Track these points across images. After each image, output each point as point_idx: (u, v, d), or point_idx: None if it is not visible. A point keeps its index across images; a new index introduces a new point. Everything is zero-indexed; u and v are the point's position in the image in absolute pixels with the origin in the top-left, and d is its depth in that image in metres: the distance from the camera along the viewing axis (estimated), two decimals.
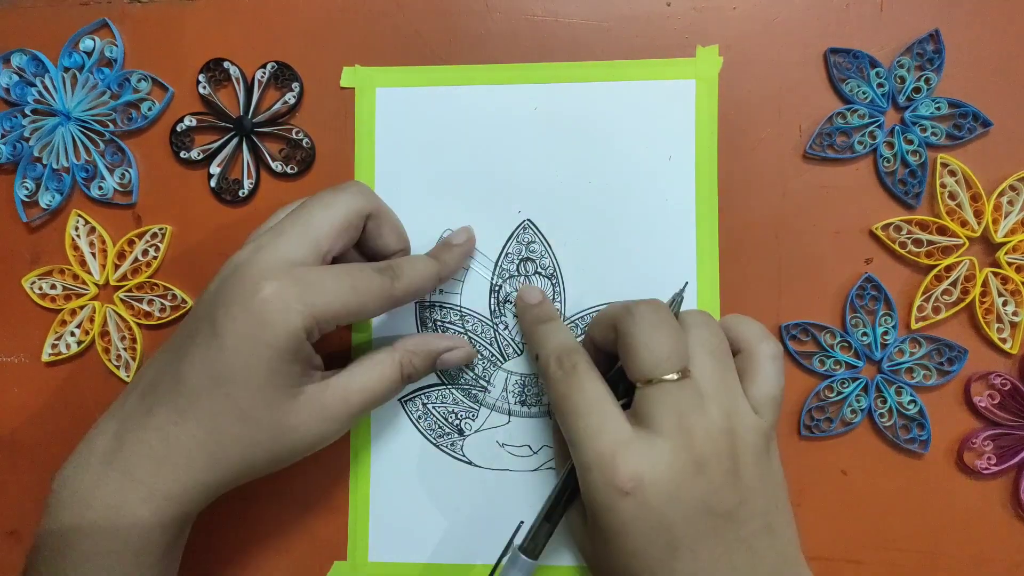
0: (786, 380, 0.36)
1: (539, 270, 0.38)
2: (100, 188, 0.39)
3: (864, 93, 0.37)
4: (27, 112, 0.39)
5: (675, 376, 0.28)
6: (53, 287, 0.40)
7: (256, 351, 0.28)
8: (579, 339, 0.36)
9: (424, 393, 0.38)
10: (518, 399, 0.37)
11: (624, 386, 0.31)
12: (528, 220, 0.38)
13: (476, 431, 0.38)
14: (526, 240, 0.38)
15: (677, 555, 0.27)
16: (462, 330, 0.38)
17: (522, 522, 0.34)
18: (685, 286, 0.34)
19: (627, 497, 0.27)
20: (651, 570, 0.28)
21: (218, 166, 0.39)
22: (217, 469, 0.29)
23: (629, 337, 0.29)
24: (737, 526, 0.28)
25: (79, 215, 0.39)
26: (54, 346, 0.39)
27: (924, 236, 0.36)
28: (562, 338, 0.33)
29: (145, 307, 0.39)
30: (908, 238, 0.36)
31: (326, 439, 0.31)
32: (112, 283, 0.39)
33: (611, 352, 0.32)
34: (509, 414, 0.38)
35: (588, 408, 0.29)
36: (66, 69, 0.39)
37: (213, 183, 0.39)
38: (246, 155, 0.39)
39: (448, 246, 0.36)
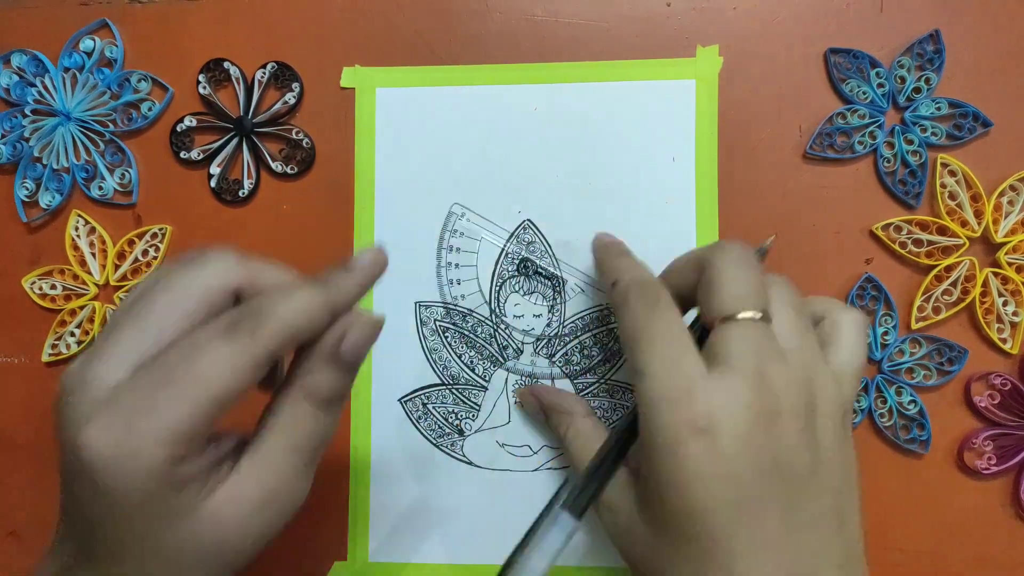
0: None
1: (539, 270, 0.38)
2: (100, 188, 0.39)
3: (864, 93, 0.37)
4: (27, 112, 0.39)
5: (756, 315, 0.27)
6: (53, 287, 0.40)
7: (100, 514, 0.23)
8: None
9: (424, 393, 0.38)
10: (518, 399, 0.37)
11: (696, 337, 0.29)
12: (528, 220, 0.38)
13: (476, 431, 0.38)
14: (526, 240, 0.38)
15: (742, 518, 0.25)
16: (463, 330, 0.38)
17: (566, 480, 0.32)
18: (772, 239, 0.33)
19: (698, 436, 0.25)
20: (710, 535, 0.25)
21: (218, 166, 0.39)
22: None
23: (713, 270, 0.28)
24: (807, 500, 0.25)
25: (79, 215, 0.39)
26: (54, 346, 0.39)
27: (924, 236, 0.36)
28: (645, 273, 0.31)
29: None
30: (908, 238, 0.36)
31: (274, 523, 0.26)
32: (112, 283, 0.39)
33: (685, 300, 0.30)
34: (509, 414, 0.38)
35: (667, 339, 0.27)
36: (66, 69, 0.39)
37: (213, 183, 0.39)
38: (246, 155, 0.39)
39: (345, 269, 0.27)
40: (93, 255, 0.39)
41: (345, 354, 0.26)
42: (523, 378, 0.37)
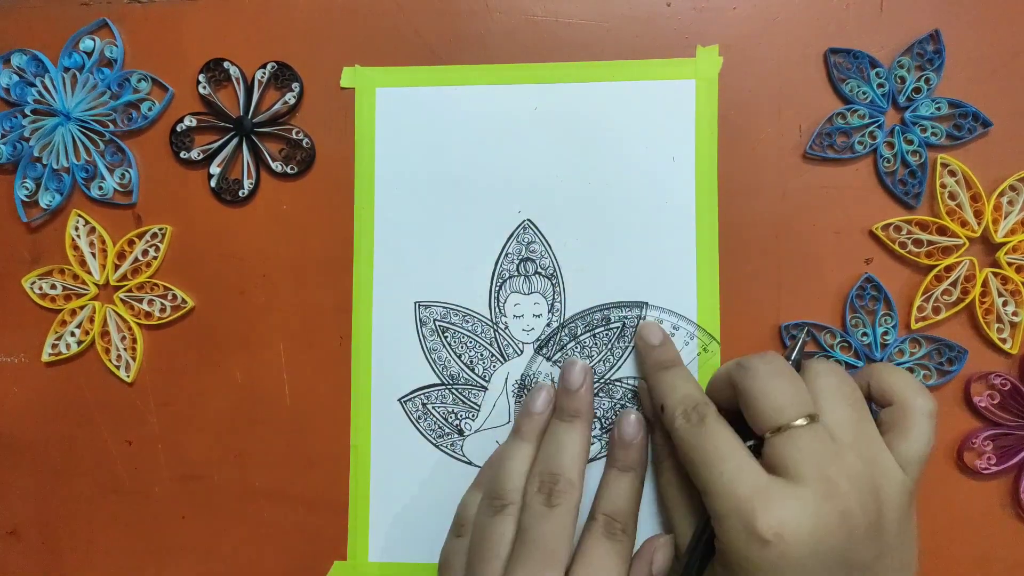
0: None
1: (539, 270, 0.38)
2: (100, 188, 0.39)
3: (864, 93, 0.37)
4: (27, 112, 0.39)
5: (803, 421, 0.27)
6: (53, 287, 0.40)
7: None
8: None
9: (424, 393, 0.38)
10: (518, 399, 0.37)
11: (751, 445, 0.30)
12: (528, 220, 0.38)
13: (476, 431, 0.38)
14: (526, 240, 0.38)
15: None
16: (463, 330, 0.38)
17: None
18: (805, 332, 0.33)
19: (768, 547, 0.26)
20: None
21: (218, 166, 0.39)
22: None
23: (747, 390, 0.29)
24: None
25: (79, 215, 0.39)
26: (54, 346, 0.39)
27: (924, 236, 0.36)
28: (689, 388, 0.32)
29: (145, 307, 0.39)
30: (908, 238, 0.36)
31: None
32: (112, 283, 0.39)
33: (735, 411, 0.31)
34: (509, 414, 0.38)
35: (721, 456, 0.28)
36: (66, 69, 0.39)
37: (213, 183, 0.39)
38: (246, 155, 0.39)
39: (624, 445, 0.34)
40: (93, 255, 0.39)
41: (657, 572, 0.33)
42: (523, 378, 0.37)
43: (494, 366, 0.38)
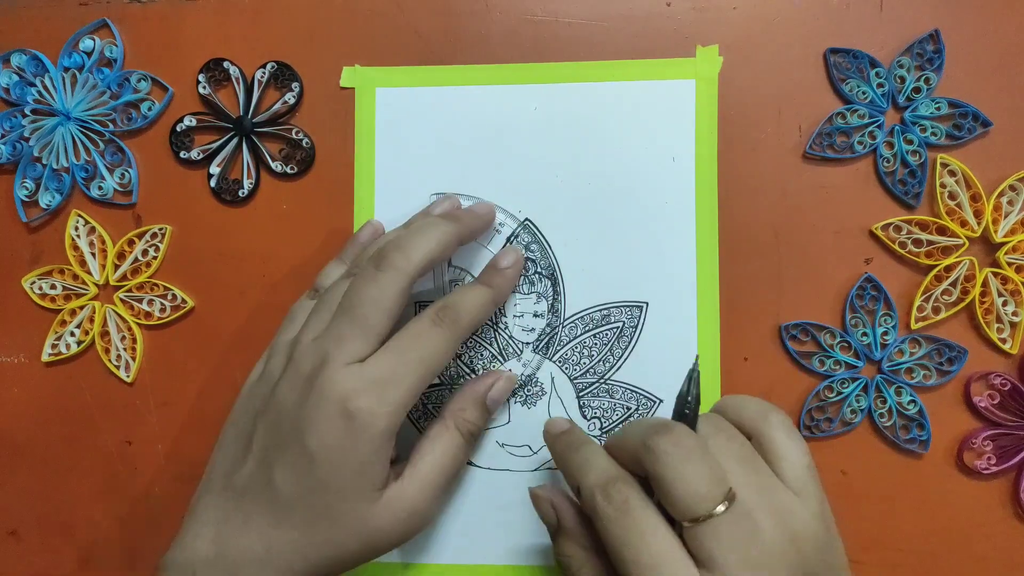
0: (786, 380, 0.37)
1: (539, 270, 0.38)
2: (100, 188, 0.39)
3: (864, 93, 0.37)
4: (27, 112, 0.39)
5: (722, 508, 0.26)
6: (53, 287, 0.40)
7: (347, 463, 0.29)
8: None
9: (424, 393, 0.38)
10: (518, 399, 0.37)
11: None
12: (528, 220, 0.38)
13: None
14: (526, 240, 0.38)
15: None
16: None
17: None
18: (696, 361, 0.30)
19: None
20: None
21: (218, 166, 0.39)
22: (311, 568, 0.30)
23: (659, 478, 0.26)
24: None
25: (79, 215, 0.39)
26: (54, 346, 0.39)
27: (924, 236, 0.36)
28: (603, 465, 0.29)
29: (145, 307, 0.39)
30: (908, 238, 0.36)
31: (413, 533, 0.32)
32: (112, 283, 0.39)
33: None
34: (509, 414, 0.38)
35: (645, 546, 0.26)
36: (66, 69, 0.39)
37: (213, 183, 0.39)
38: (246, 155, 0.39)
39: (497, 270, 0.35)
40: (93, 255, 0.39)
41: (491, 401, 0.35)
42: (523, 378, 0.37)
43: (494, 366, 0.38)
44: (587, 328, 0.37)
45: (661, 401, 0.37)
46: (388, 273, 0.31)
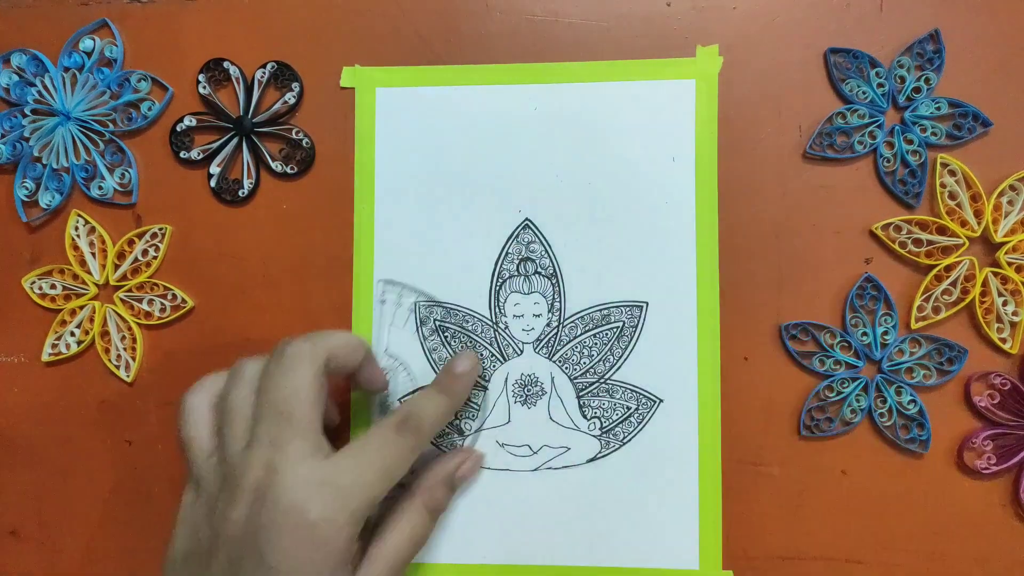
0: (786, 380, 0.37)
1: (539, 270, 0.38)
2: (100, 188, 0.39)
3: (864, 93, 0.37)
4: (27, 112, 0.39)
5: None
6: (53, 287, 0.40)
7: (312, 571, 0.28)
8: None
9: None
10: (518, 399, 0.37)
11: None
12: (528, 220, 0.38)
13: (476, 431, 0.38)
14: (526, 240, 0.38)
15: None
16: (462, 330, 0.38)
17: None
18: None
19: None
20: None
21: (218, 166, 0.39)
22: None
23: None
24: None
25: (79, 215, 0.39)
26: (54, 346, 0.39)
27: (924, 236, 0.36)
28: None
29: (145, 307, 0.39)
30: (908, 238, 0.36)
31: None
32: (112, 283, 0.39)
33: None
34: (509, 414, 0.38)
35: None
36: (66, 69, 0.39)
37: (213, 183, 0.39)
38: (246, 155, 0.39)
39: (453, 375, 0.35)
40: (93, 255, 0.39)
41: (459, 480, 0.36)
42: (523, 378, 0.37)
43: (494, 366, 0.38)
44: (587, 328, 0.37)
45: (661, 401, 0.37)
46: (287, 365, 0.30)
